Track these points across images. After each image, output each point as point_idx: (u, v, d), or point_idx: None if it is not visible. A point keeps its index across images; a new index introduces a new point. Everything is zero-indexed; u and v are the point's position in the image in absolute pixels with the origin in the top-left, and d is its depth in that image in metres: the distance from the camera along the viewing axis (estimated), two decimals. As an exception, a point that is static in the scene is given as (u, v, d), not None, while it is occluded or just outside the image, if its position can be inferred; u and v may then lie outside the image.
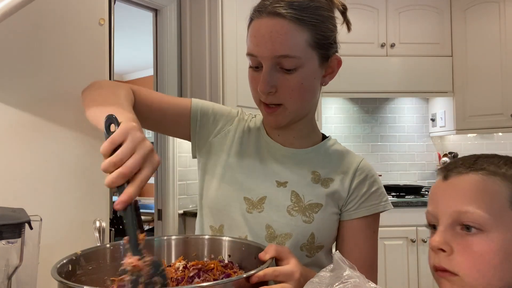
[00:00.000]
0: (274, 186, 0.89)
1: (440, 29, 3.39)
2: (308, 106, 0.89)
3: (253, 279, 0.61)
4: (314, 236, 0.87)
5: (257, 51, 0.81)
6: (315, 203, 0.88)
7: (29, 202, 0.95)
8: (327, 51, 0.84)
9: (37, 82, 1.01)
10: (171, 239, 0.81)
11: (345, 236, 0.91)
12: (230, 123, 0.98)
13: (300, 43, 0.79)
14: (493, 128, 3.25)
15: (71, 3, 1.08)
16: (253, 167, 0.92)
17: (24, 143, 0.98)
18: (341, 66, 0.89)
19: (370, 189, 0.91)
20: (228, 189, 0.91)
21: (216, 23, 2.54)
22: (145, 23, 3.46)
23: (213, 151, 0.96)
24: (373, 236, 0.92)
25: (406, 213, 2.95)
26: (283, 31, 0.78)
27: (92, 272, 0.70)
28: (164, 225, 2.71)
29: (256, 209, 0.88)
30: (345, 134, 3.70)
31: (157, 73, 2.75)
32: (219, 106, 1.00)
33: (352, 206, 0.90)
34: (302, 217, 0.87)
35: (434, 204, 0.71)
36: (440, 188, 0.70)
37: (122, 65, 5.64)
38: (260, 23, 0.81)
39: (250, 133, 0.96)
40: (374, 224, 0.92)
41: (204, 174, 0.97)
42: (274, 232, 0.87)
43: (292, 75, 0.81)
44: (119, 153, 0.57)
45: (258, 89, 0.82)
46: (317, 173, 0.91)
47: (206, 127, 0.96)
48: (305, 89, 0.83)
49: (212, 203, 0.92)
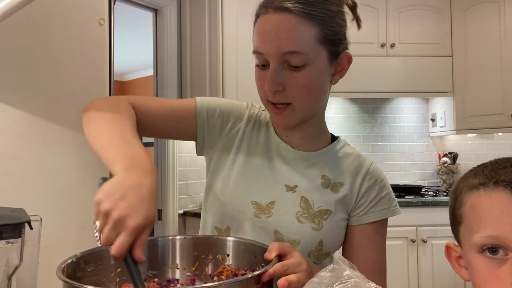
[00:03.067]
0: (284, 191, 0.87)
1: (440, 29, 3.39)
2: (317, 105, 0.85)
3: (264, 277, 0.61)
4: (323, 243, 0.85)
5: (263, 48, 0.78)
6: (325, 209, 0.85)
7: (29, 202, 0.95)
8: (337, 47, 0.81)
9: (37, 82, 1.01)
10: (175, 239, 0.81)
11: (353, 241, 0.89)
12: (239, 120, 0.93)
13: (308, 38, 0.76)
14: (493, 128, 3.25)
15: (71, 3, 1.08)
16: (262, 169, 0.89)
17: (25, 143, 0.98)
18: (351, 64, 0.86)
19: (380, 194, 0.89)
20: (236, 191, 0.88)
21: (216, 23, 2.54)
22: (145, 23, 3.46)
23: (223, 150, 0.92)
24: (381, 241, 0.90)
25: (406, 213, 2.94)
26: (290, 26, 0.75)
27: (92, 274, 0.69)
28: (164, 225, 2.71)
29: (264, 214, 0.86)
30: (345, 134, 3.70)
31: (157, 73, 2.75)
32: (226, 103, 0.94)
33: (361, 211, 0.88)
34: (311, 224, 0.84)
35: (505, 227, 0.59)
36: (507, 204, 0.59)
37: (122, 65, 5.64)
38: (266, 19, 0.78)
39: (260, 130, 0.93)
40: (382, 228, 0.90)
41: (212, 174, 0.93)
42: (281, 238, 0.85)
43: (300, 73, 0.77)
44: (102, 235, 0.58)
45: (265, 87, 0.79)
46: (327, 177, 0.88)
47: (215, 128, 0.92)
48: (314, 87, 0.80)
49: (219, 204, 0.89)
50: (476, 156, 3.62)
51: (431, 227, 2.97)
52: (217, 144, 0.93)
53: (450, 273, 2.99)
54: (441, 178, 3.65)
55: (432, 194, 3.23)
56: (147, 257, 0.77)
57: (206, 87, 2.59)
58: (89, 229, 1.07)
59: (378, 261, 0.89)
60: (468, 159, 3.65)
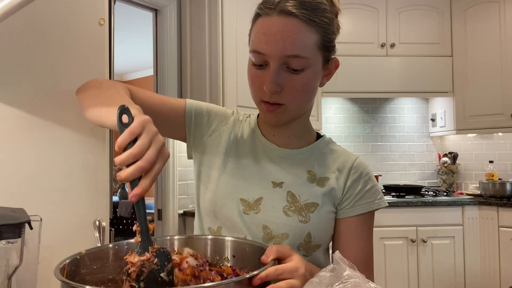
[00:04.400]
0: (270, 187, 0.90)
1: (440, 29, 3.39)
2: (307, 106, 0.90)
3: (255, 281, 0.60)
4: (311, 235, 0.87)
5: (265, 49, 0.79)
6: (311, 202, 0.88)
7: (29, 202, 0.95)
8: (330, 53, 0.85)
9: (37, 82, 1.01)
10: (174, 239, 0.81)
11: (341, 234, 0.91)
12: (224, 123, 0.98)
13: (310, 44, 0.79)
14: (493, 128, 3.25)
15: (71, 3, 1.08)
16: (249, 168, 0.92)
17: (24, 143, 0.98)
18: (338, 68, 0.90)
19: (365, 187, 0.92)
20: (224, 191, 0.91)
21: (216, 23, 2.54)
22: (145, 23, 3.46)
23: (208, 151, 0.96)
24: (368, 233, 0.93)
25: (406, 213, 2.95)
26: (295, 31, 0.77)
27: (97, 271, 0.69)
28: (164, 225, 2.71)
29: (252, 210, 0.88)
30: (345, 134, 3.70)
31: (157, 73, 2.75)
32: (213, 106, 0.99)
33: (348, 204, 0.91)
34: (298, 217, 0.87)
35: None
36: None
37: (122, 65, 5.64)
38: (270, 21, 0.79)
39: (245, 134, 0.97)
40: (369, 221, 0.93)
41: (199, 176, 0.97)
42: (271, 233, 0.87)
43: (299, 76, 0.81)
44: (139, 145, 0.57)
45: (264, 87, 0.81)
46: (313, 173, 0.91)
47: (200, 127, 0.96)
48: (308, 90, 0.84)
49: (209, 205, 0.92)
50: (476, 156, 3.62)
51: (431, 227, 2.97)
52: (203, 144, 0.96)
53: (450, 273, 2.99)
54: (441, 178, 3.65)
55: (432, 194, 3.23)
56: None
57: (206, 87, 2.59)
58: (89, 229, 1.07)
59: (365, 252, 0.92)
60: (468, 159, 3.65)
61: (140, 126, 0.58)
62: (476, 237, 3.01)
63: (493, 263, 2.95)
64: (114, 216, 4.17)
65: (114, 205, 4.19)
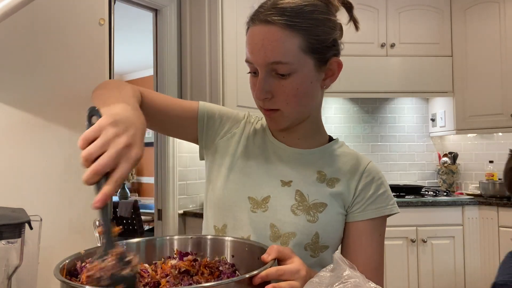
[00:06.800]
0: (279, 186, 0.90)
1: (440, 29, 3.39)
2: (306, 109, 0.89)
3: (256, 280, 0.60)
4: (319, 235, 0.86)
5: (252, 58, 0.82)
6: (320, 202, 0.87)
7: (29, 202, 0.95)
8: (324, 54, 0.83)
9: (37, 82, 1.01)
10: (173, 239, 0.81)
11: (350, 238, 0.90)
12: (236, 125, 0.99)
13: (291, 48, 0.79)
14: (493, 128, 3.25)
15: (71, 3, 1.08)
16: (258, 167, 0.92)
17: (24, 143, 0.98)
18: (342, 69, 0.88)
19: (377, 191, 0.90)
20: (232, 188, 0.91)
21: (216, 23, 2.54)
22: (145, 23, 3.46)
23: (219, 152, 0.96)
24: (379, 239, 0.91)
25: (406, 213, 2.95)
26: (274, 38, 0.79)
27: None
28: (164, 225, 2.71)
29: (260, 208, 0.88)
30: (345, 134, 3.70)
31: (157, 73, 2.75)
32: (226, 109, 1.01)
33: (358, 208, 0.89)
34: (306, 217, 0.86)
35: None
36: None
37: (122, 65, 5.64)
38: (253, 31, 0.82)
39: (256, 135, 0.97)
40: (380, 227, 0.91)
41: (209, 175, 0.97)
42: (278, 231, 0.86)
43: (287, 81, 0.81)
44: (88, 148, 0.56)
45: (254, 95, 0.84)
46: (323, 173, 0.91)
47: (213, 129, 0.97)
48: (301, 94, 0.83)
49: (216, 203, 0.92)
50: (476, 156, 3.62)
51: (431, 227, 2.97)
52: (215, 146, 0.97)
53: (450, 273, 2.99)
54: (441, 178, 3.65)
55: (432, 194, 3.23)
56: (146, 256, 0.77)
57: (206, 87, 2.59)
58: (89, 229, 1.07)
59: (375, 259, 0.90)
60: (468, 159, 3.65)
61: (96, 130, 0.57)
62: (476, 237, 3.01)
63: (493, 263, 2.95)
64: (114, 216, 4.17)
65: (114, 205, 4.20)
